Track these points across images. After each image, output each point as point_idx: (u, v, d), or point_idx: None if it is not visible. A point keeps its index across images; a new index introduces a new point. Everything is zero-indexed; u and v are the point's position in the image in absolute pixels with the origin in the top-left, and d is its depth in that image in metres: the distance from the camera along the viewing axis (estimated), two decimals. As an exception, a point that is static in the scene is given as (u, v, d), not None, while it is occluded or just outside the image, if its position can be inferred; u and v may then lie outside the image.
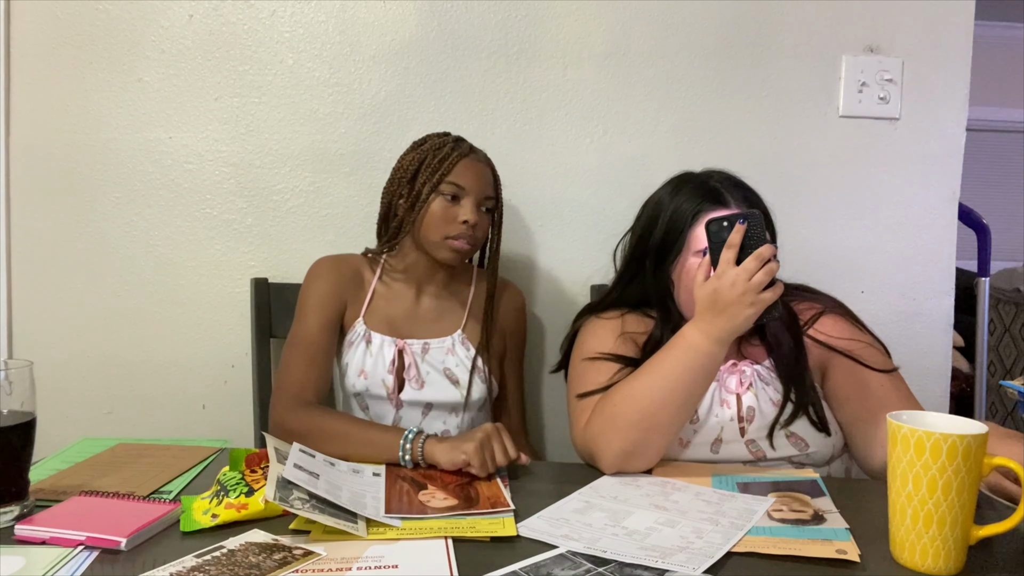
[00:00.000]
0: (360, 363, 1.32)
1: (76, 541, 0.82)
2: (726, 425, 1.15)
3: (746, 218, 1.03)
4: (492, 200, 1.33)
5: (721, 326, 1.03)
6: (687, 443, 1.16)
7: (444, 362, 1.34)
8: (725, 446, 1.15)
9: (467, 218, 1.27)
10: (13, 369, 0.90)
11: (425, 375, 1.33)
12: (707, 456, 1.16)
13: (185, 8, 1.54)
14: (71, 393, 1.58)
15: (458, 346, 1.36)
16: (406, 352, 1.33)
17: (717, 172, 1.22)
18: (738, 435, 1.15)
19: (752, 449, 1.15)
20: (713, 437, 1.15)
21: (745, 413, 1.16)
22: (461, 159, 1.30)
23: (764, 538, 0.86)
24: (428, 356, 1.34)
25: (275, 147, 1.58)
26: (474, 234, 1.29)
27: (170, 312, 1.59)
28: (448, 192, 1.28)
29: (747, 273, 1.01)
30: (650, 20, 1.59)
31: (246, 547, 0.82)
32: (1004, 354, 3.00)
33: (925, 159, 1.65)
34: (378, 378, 1.32)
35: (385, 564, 0.79)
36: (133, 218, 1.58)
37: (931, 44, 1.63)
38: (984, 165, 4.56)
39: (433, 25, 1.57)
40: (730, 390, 1.17)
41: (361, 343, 1.33)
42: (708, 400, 1.16)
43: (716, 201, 1.15)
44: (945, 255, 1.67)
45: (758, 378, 1.18)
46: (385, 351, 1.32)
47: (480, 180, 1.30)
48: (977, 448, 0.79)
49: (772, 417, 1.14)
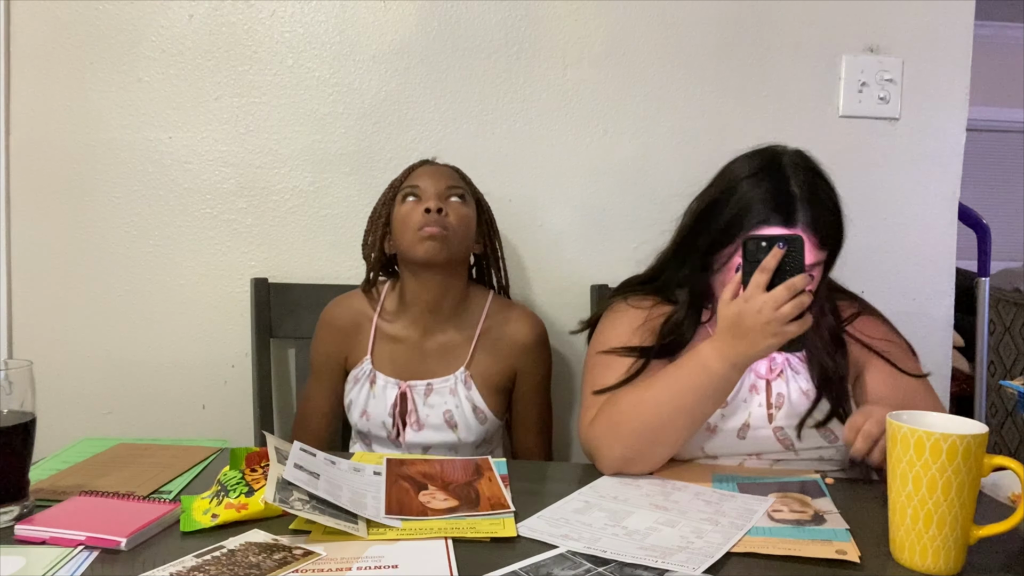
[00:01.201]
0: (363, 404, 1.33)
1: (76, 541, 0.82)
2: (754, 411, 1.14)
3: (786, 242, 0.99)
4: (458, 189, 1.32)
5: (740, 351, 1.01)
6: (715, 428, 1.14)
7: (445, 403, 1.32)
8: (753, 432, 1.14)
9: (428, 205, 1.26)
10: (13, 369, 0.90)
11: (424, 418, 1.32)
12: (734, 443, 1.14)
13: (185, 8, 1.54)
14: (71, 393, 1.59)
15: (460, 386, 1.32)
16: (408, 396, 1.32)
17: (804, 169, 1.13)
18: (766, 422, 1.14)
19: (780, 437, 1.14)
20: (741, 423, 1.14)
21: (774, 400, 1.15)
22: (416, 168, 1.35)
23: (764, 538, 0.86)
24: (430, 399, 1.32)
25: (275, 147, 1.58)
26: (442, 219, 1.26)
27: (170, 312, 1.59)
28: (407, 193, 1.31)
29: (775, 302, 0.97)
30: (650, 20, 1.59)
31: (246, 547, 0.82)
32: (1004, 354, 3.00)
33: (925, 159, 1.65)
34: (379, 420, 1.32)
35: (385, 564, 0.79)
36: (133, 218, 1.58)
37: (931, 44, 1.63)
38: (984, 165, 4.56)
39: (433, 25, 1.57)
40: (760, 376, 1.17)
41: (366, 383, 1.34)
42: (738, 386, 1.15)
43: (786, 214, 1.08)
44: (945, 255, 1.67)
45: (788, 366, 1.17)
46: (388, 393, 1.32)
47: (437, 176, 1.32)
48: (977, 448, 0.79)
49: (800, 406, 1.13)
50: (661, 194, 1.62)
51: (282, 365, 1.63)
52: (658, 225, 1.61)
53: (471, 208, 1.34)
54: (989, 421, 2.87)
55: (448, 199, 1.30)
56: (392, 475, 1.04)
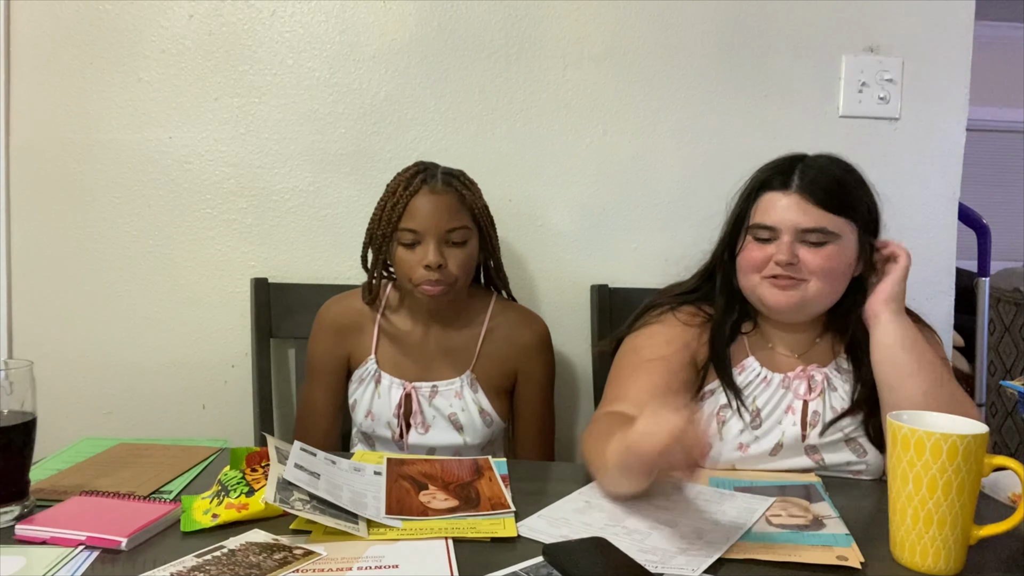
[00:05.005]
0: (368, 404, 1.33)
1: (76, 541, 0.82)
2: (788, 430, 1.13)
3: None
4: (460, 230, 1.25)
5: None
6: (746, 448, 1.13)
7: (451, 406, 1.32)
8: (785, 451, 1.13)
9: (427, 262, 1.22)
10: (13, 369, 0.90)
11: (431, 420, 1.32)
12: (766, 462, 1.13)
13: (185, 8, 1.54)
14: (71, 393, 1.58)
15: (466, 389, 1.32)
16: (413, 397, 1.32)
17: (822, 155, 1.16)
18: (799, 440, 1.13)
19: (811, 455, 1.13)
20: (774, 443, 1.13)
21: (810, 419, 1.14)
22: (412, 198, 1.24)
23: (763, 544, 0.86)
24: (435, 401, 1.32)
25: (275, 147, 1.58)
26: (442, 275, 1.23)
27: (170, 312, 1.59)
28: (406, 240, 1.24)
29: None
30: (650, 20, 1.59)
31: (246, 547, 0.82)
32: (1004, 354, 3.00)
33: (925, 159, 1.65)
34: (383, 420, 1.32)
35: (385, 564, 0.79)
36: (133, 218, 1.58)
37: (931, 44, 1.63)
38: (984, 165, 4.55)
39: (433, 25, 1.57)
40: (799, 395, 1.15)
41: (371, 383, 1.33)
42: (772, 406, 1.14)
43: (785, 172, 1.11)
44: (945, 255, 1.67)
45: (828, 384, 1.15)
46: (393, 393, 1.32)
47: (436, 215, 1.23)
48: (977, 448, 0.79)
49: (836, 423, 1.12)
50: (661, 194, 1.62)
51: (282, 365, 1.63)
52: (658, 225, 1.63)
53: (473, 243, 1.28)
54: (989, 421, 2.87)
55: (448, 244, 1.24)
56: (392, 475, 1.04)
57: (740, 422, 1.13)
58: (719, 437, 1.13)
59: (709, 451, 1.04)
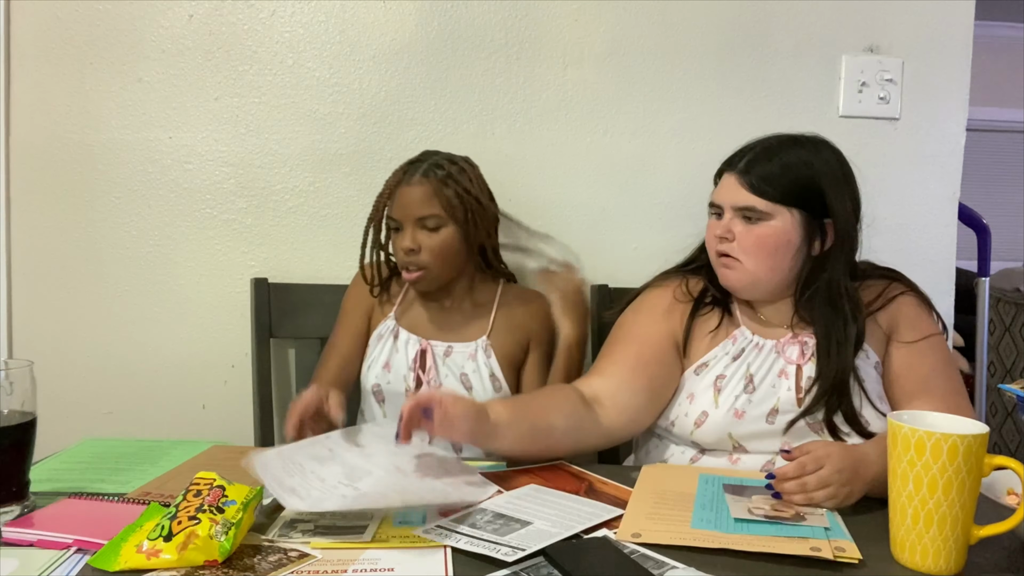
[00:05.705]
0: (387, 356, 1.38)
1: (64, 544, 0.81)
2: (783, 395, 1.15)
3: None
4: (432, 217, 1.32)
5: None
6: (742, 414, 1.14)
7: (463, 367, 1.37)
8: (782, 416, 1.14)
9: (402, 245, 1.33)
10: (13, 369, 0.90)
11: (444, 378, 1.36)
12: (763, 427, 1.14)
13: (185, 8, 1.54)
14: (71, 393, 1.58)
15: (480, 352, 1.38)
16: (429, 352, 1.37)
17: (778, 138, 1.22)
18: (795, 406, 1.14)
19: (809, 421, 1.13)
20: (769, 408, 1.14)
21: (804, 384, 1.15)
22: (395, 189, 1.35)
23: (740, 535, 0.85)
24: (449, 360, 1.38)
25: (275, 147, 1.58)
26: (418, 258, 1.32)
27: (170, 312, 1.59)
28: (392, 226, 1.36)
29: None
30: (650, 20, 1.59)
31: (241, 549, 0.81)
32: (1004, 354, 3.00)
33: (925, 159, 1.65)
34: (399, 374, 1.36)
35: (381, 568, 0.79)
36: (133, 218, 1.57)
37: (931, 44, 1.63)
38: (984, 165, 4.55)
39: (433, 25, 1.57)
40: (791, 360, 1.17)
41: (389, 338, 1.39)
42: (766, 371, 1.16)
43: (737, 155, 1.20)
44: (945, 255, 1.67)
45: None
46: (410, 348, 1.38)
47: (410, 203, 1.32)
48: (977, 448, 0.79)
49: None
50: (661, 194, 1.62)
51: (282, 365, 1.63)
52: (658, 225, 1.63)
53: (448, 230, 1.34)
54: (989, 421, 2.87)
55: (424, 229, 1.32)
56: None
57: (735, 389, 1.15)
58: (714, 405, 1.15)
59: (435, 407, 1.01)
